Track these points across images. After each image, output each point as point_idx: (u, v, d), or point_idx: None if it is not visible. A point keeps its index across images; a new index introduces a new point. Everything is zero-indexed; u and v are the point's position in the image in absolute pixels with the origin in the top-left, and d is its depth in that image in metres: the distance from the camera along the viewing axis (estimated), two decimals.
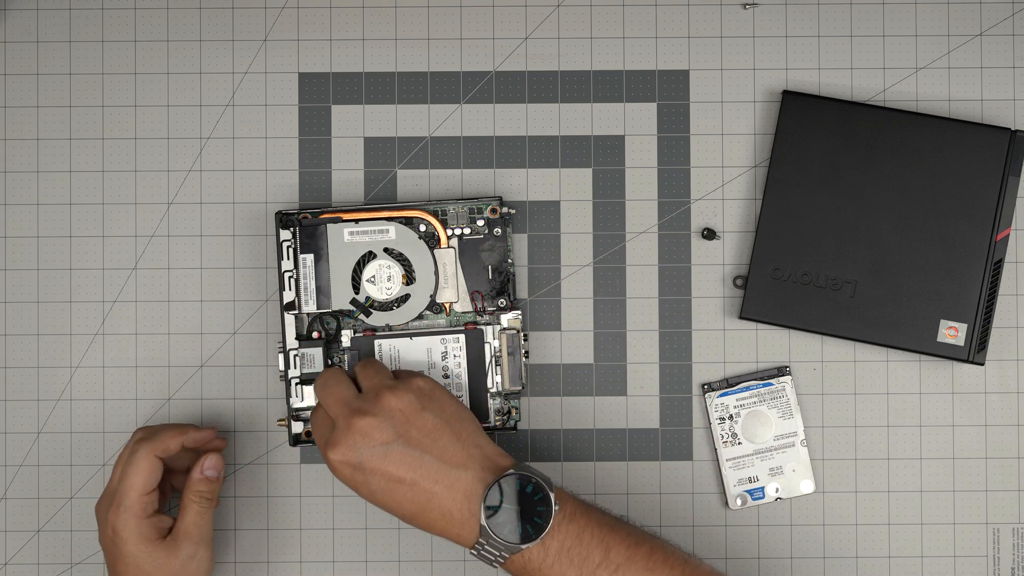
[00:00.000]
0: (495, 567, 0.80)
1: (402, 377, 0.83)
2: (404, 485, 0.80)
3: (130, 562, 0.84)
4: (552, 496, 0.79)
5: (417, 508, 0.80)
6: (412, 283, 0.91)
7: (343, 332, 0.91)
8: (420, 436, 0.80)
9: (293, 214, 0.91)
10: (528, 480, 0.80)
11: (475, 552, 0.80)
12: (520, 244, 0.93)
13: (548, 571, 0.79)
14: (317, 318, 0.91)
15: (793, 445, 0.92)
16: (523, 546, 0.79)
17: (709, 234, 0.93)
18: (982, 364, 0.90)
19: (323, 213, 0.91)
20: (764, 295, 0.91)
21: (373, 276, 0.91)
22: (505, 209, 0.91)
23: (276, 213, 0.91)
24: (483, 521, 0.79)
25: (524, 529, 0.79)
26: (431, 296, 0.91)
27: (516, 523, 0.79)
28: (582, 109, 0.93)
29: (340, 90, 0.94)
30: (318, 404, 0.85)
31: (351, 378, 0.85)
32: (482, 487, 0.80)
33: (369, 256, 0.91)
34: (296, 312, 0.90)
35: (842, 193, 0.90)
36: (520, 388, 0.90)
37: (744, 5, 0.93)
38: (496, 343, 0.91)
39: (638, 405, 0.93)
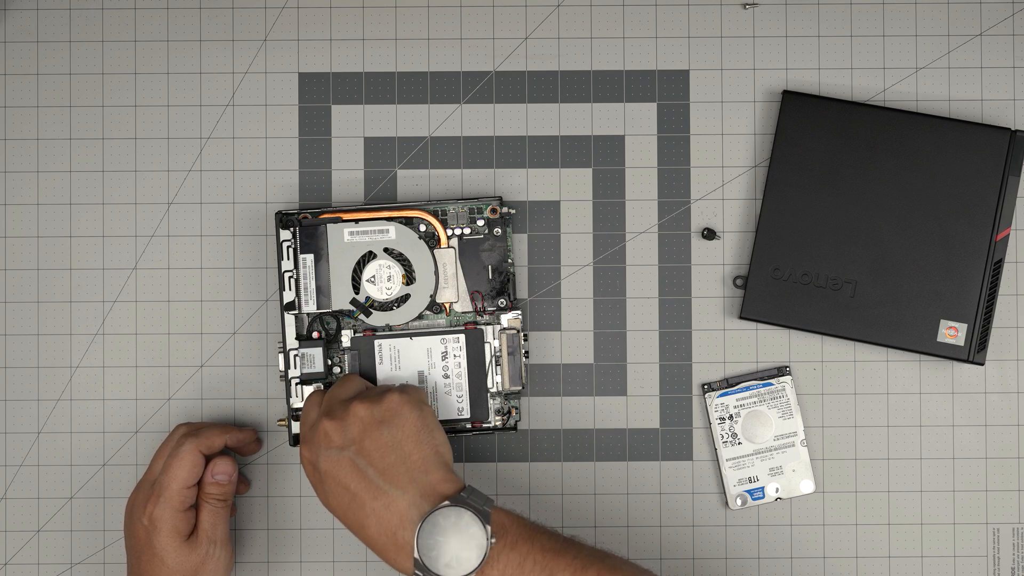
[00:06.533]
0: None
1: (384, 390, 0.83)
2: (348, 494, 0.80)
3: (156, 554, 0.84)
4: (488, 529, 0.77)
5: (357, 522, 0.80)
6: (412, 283, 0.91)
7: (343, 332, 0.91)
8: (372, 449, 0.80)
9: (293, 214, 0.91)
10: (463, 511, 0.78)
11: None
12: (520, 244, 0.93)
13: None
14: (317, 318, 0.91)
15: (793, 445, 0.92)
16: None
17: (709, 234, 0.93)
18: (982, 364, 0.90)
19: (323, 213, 0.91)
20: (764, 295, 0.91)
21: (373, 276, 0.91)
22: (505, 209, 0.91)
23: (276, 213, 0.91)
24: (416, 553, 0.77)
25: (459, 561, 0.77)
26: (431, 296, 0.91)
27: (451, 555, 0.77)
28: (582, 109, 0.93)
29: (340, 90, 0.94)
30: (311, 396, 0.86)
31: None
32: (416, 514, 0.78)
33: (369, 256, 0.91)
34: (296, 312, 0.90)
35: (842, 193, 0.90)
36: (520, 388, 0.90)
37: (744, 5, 0.93)
38: (496, 343, 0.91)
39: (638, 405, 0.93)
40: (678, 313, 0.93)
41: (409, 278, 0.91)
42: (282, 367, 0.90)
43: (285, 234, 0.90)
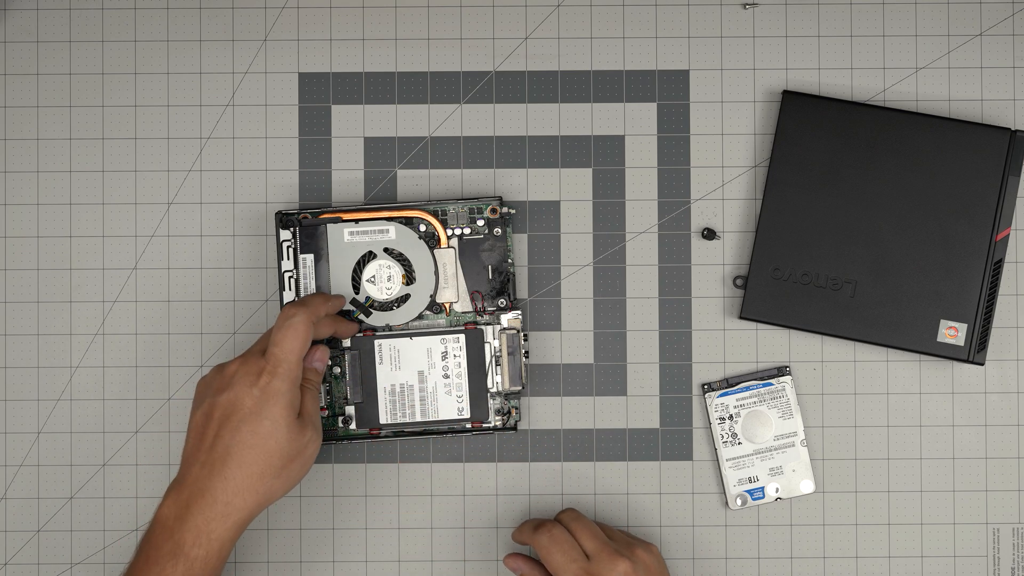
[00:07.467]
0: None
1: (634, 539, 0.88)
2: None
3: (265, 427, 0.80)
4: None
5: None
6: (412, 283, 0.91)
7: None
8: None
9: (293, 214, 0.91)
10: None
11: None
12: (520, 244, 0.93)
13: None
14: None
15: (793, 445, 0.92)
16: None
17: (709, 234, 0.93)
18: (982, 364, 0.90)
19: (323, 213, 0.91)
20: (764, 295, 0.91)
21: (373, 276, 0.91)
22: (505, 209, 0.91)
23: (276, 213, 0.91)
24: None
25: None
26: (431, 296, 0.91)
27: None
28: (582, 109, 0.93)
29: (340, 90, 0.94)
30: (552, 526, 0.86)
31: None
32: None
33: (369, 256, 0.91)
34: None
35: (842, 193, 0.90)
36: (520, 388, 0.90)
37: (744, 5, 0.93)
38: (496, 343, 0.91)
39: (638, 405, 0.93)
40: (678, 313, 0.93)
41: (409, 278, 0.91)
42: None
43: (285, 234, 0.90)
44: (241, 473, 0.80)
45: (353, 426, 0.91)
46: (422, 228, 0.91)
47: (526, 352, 0.91)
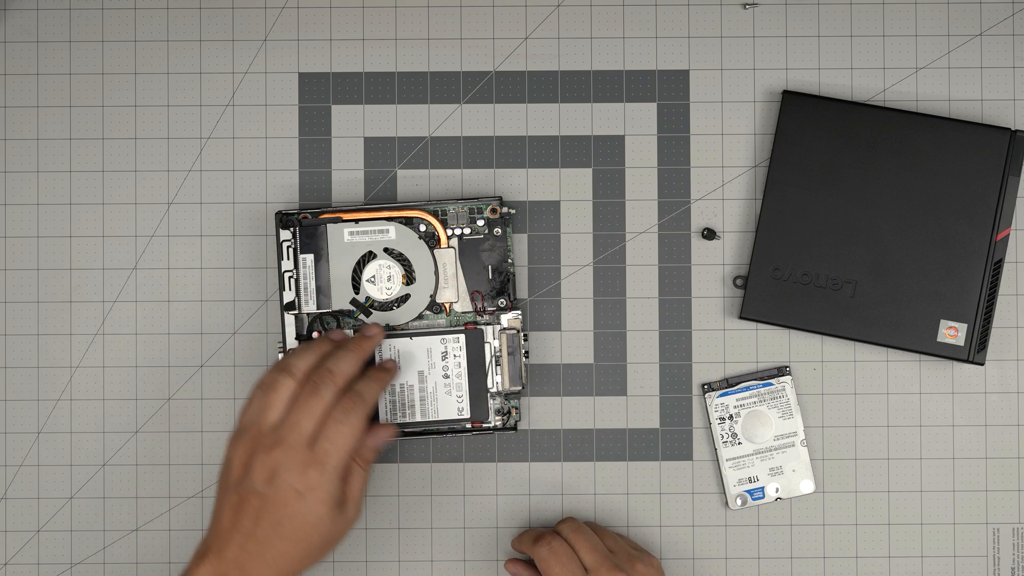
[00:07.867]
0: None
1: (636, 551, 0.88)
2: None
3: (309, 523, 0.80)
4: None
5: None
6: (412, 283, 0.91)
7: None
8: None
9: (293, 214, 0.91)
10: None
11: None
12: (520, 244, 0.93)
13: None
14: (317, 318, 0.91)
15: (793, 445, 0.92)
16: None
17: (709, 234, 0.93)
18: (982, 364, 0.90)
19: (323, 213, 0.91)
20: (764, 295, 0.91)
21: (373, 276, 0.91)
22: (505, 209, 0.91)
23: (276, 213, 0.91)
24: None
25: None
26: (431, 296, 0.91)
27: None
28: (582, 109, 0.93)
29: (340, 90, 0.94)
30: (552, 538, 0.86)
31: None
32: None
33: (369, 256, 0.91)
34: (296, 312, 0.90)
35: (842, 193, 0.90)
36: (520, 388, 0.90)
37: (744, 5, 0.93)
38: (496, 343, 0.91)
39: (638, 405, 0.93)
40: (678, 313, 0.93)
41: (409, 278, 0.91)
42: None
43: (285, 234, 0.90)
44: (283, 559, 0.80)
45: None
46: (422, 228, 0.91)
47: (526, 352, 0.91)
